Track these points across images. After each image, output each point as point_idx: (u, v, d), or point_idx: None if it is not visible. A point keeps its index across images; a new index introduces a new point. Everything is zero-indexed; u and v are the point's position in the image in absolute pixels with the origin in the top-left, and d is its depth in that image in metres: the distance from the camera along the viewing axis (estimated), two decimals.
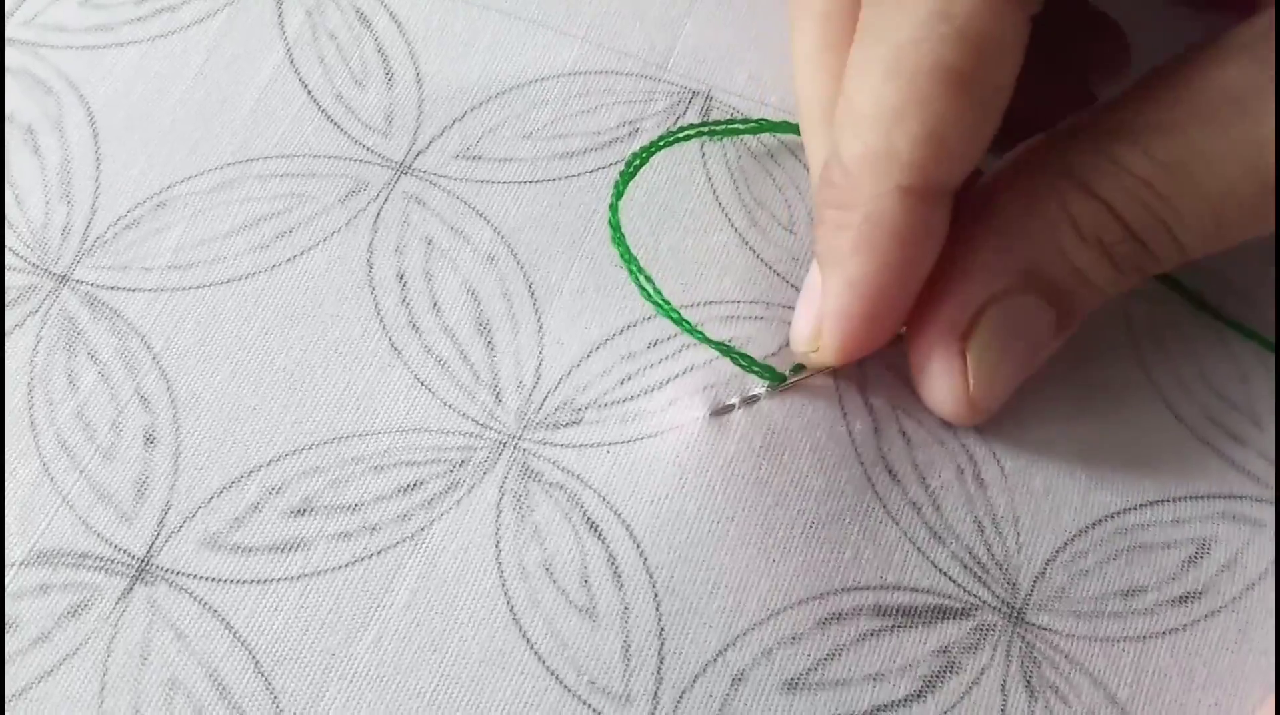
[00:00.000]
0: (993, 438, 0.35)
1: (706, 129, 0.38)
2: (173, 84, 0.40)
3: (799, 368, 0.35)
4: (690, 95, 0.40)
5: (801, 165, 0.39)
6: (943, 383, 0.33)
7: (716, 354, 0.35)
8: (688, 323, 0.35)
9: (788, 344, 0.36)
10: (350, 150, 0.39)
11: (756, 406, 0.35)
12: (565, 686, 0.32)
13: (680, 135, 0.38)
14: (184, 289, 0.37)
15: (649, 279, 0.35)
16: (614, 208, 0.36)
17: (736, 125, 0.39)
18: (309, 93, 0.40)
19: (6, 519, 0.34)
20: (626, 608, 0.33)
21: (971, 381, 0.33)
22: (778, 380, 0.35)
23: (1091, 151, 0.32)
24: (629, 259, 0.35)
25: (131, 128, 0.39)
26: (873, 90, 0.30)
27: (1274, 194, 0.30)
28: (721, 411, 0.35)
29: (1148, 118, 0.31)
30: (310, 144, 0.39)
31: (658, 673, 0.32)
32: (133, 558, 0.34)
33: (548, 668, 0.32)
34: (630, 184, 0.38)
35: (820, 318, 0.33)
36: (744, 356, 0.35)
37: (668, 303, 0.35)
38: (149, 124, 0.39)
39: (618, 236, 0.36)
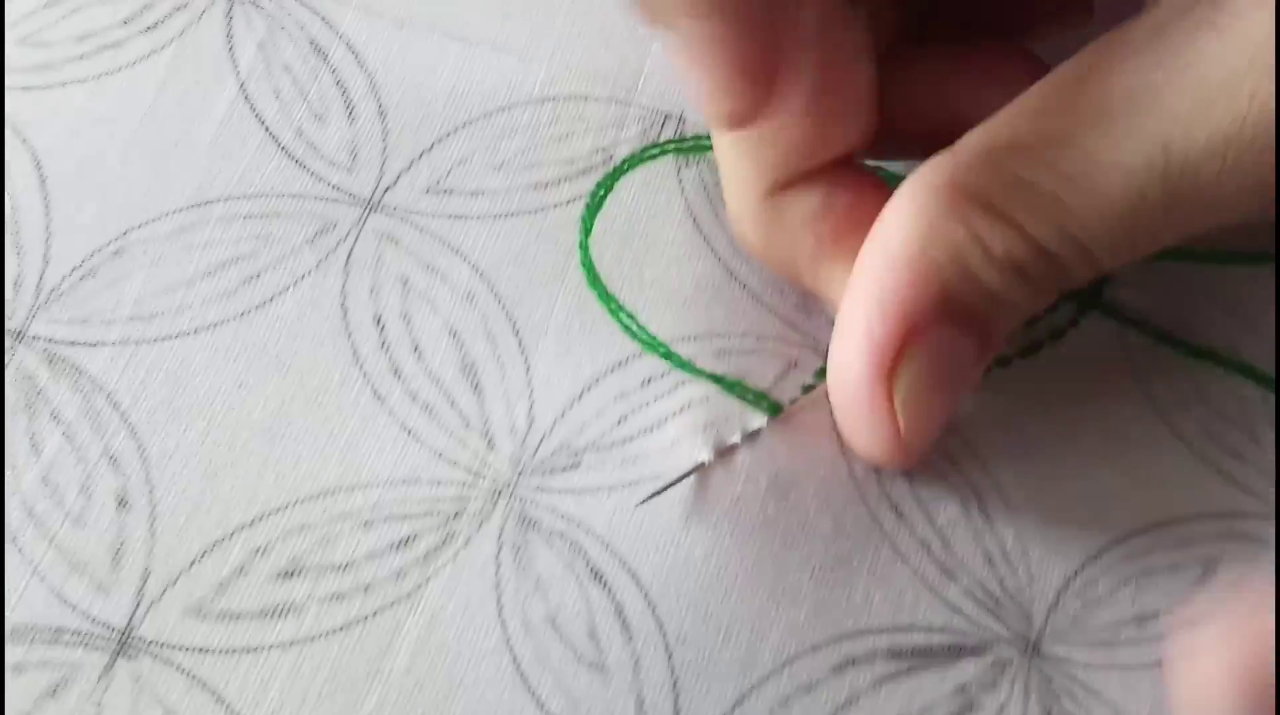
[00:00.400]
0: (995, 469, 0.35)
1: (672, 147, 0.38)
2: (122, 124, 0.38)
3: (806, 389, 0.35)
4: (663, 118, 0.39)
5: None
6: (873, 429, 0.32)
7: (714, 389, 0.35)
8: (678, 356, 0.34)
9: (783, 376, 0.35)
10: (315, 188, 0.37)
11: (759, 445, 0.34)
12: None
13: (642, 157, 0.37)
14: (149, 341, 0.35)
15: (631, 317, 0.35)
16: (584, 246, 0.35)
17: (691, 143, 0.38)
18: (266, 129, 0.38)
19: None
20: (638, 661, 0.32)
21: (902, 424, 0.32)
22: (774, 411, 0.34)
23: (992, 169, 0.31)
24: (606, 298, 0.35)
25: (81, 171, 0.37)
26: None
27: (1183, 197, 0.30)
28: (725, 452, 0.34)
29: (1044, 128, 0.31)
30: (272, 183, 0.37)
31: None
32: (113, 630, 0.32)
33: None
34: (608, 215, 0.37)
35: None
36: (739, 386, 0.34)
37: (654, 338, 0.34)
38: (99, 167, 0.37)
39: (592, 277, 0.35)
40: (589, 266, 0.35)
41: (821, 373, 0.35)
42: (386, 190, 0.37)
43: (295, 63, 0.39)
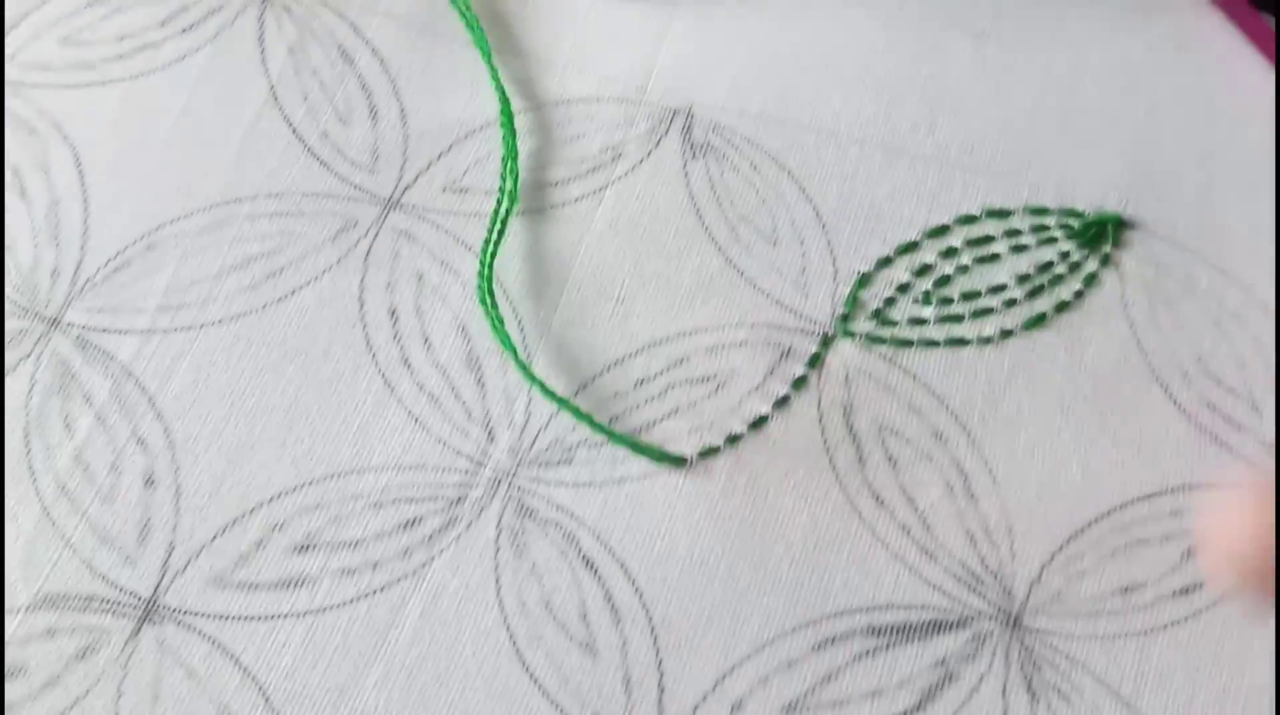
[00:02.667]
0: (984, 444, 0.36)
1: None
2: (158, 123, 0.40)
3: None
4: (670, 114, 0.41)
5: (785, 173, 0.40)
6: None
7: (702, 393, 0.37)
8: (590, 420, 0.36)
9: (775, 367, 0.37)
10: (338, 188, 0.40)
11: (740, 447, 0.36)
12: None
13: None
14: (176, 330, 0.38)
15: (540, 384, 0.37)
16: (494, 325, 0.37)
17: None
18: (294, 131, 0.40)
19: (10, 565, 0.35)
20: (625, 642, 0.34)
21: None
22: (678, 465, 0.36)
23: None
24: (511, 347, 0.37)
25: (118, 168, 0.40)
26: None
27: None
28: (707, 454, 0.36)
29: None
30: (298, 182, 0.40)
31: (659, 703, 0.34)
32: (139, 599, 0.35)
33: (552, 701, 0.34)
34: (613, 210, 0.39)
35: None
36: (655, 451, 0.36)
37: (565, 400, 0.36)
38: (136, 164, 0.40)
39: (494, 323, 0.37)
40: (497, 325, 0.37)
41: (813, 360, 0.37)
42: (406, 189, 0.40)
43: (323, 67, 0.41)
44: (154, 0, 0.42)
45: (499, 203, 0.39)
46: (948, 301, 0.38)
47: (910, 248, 0.39)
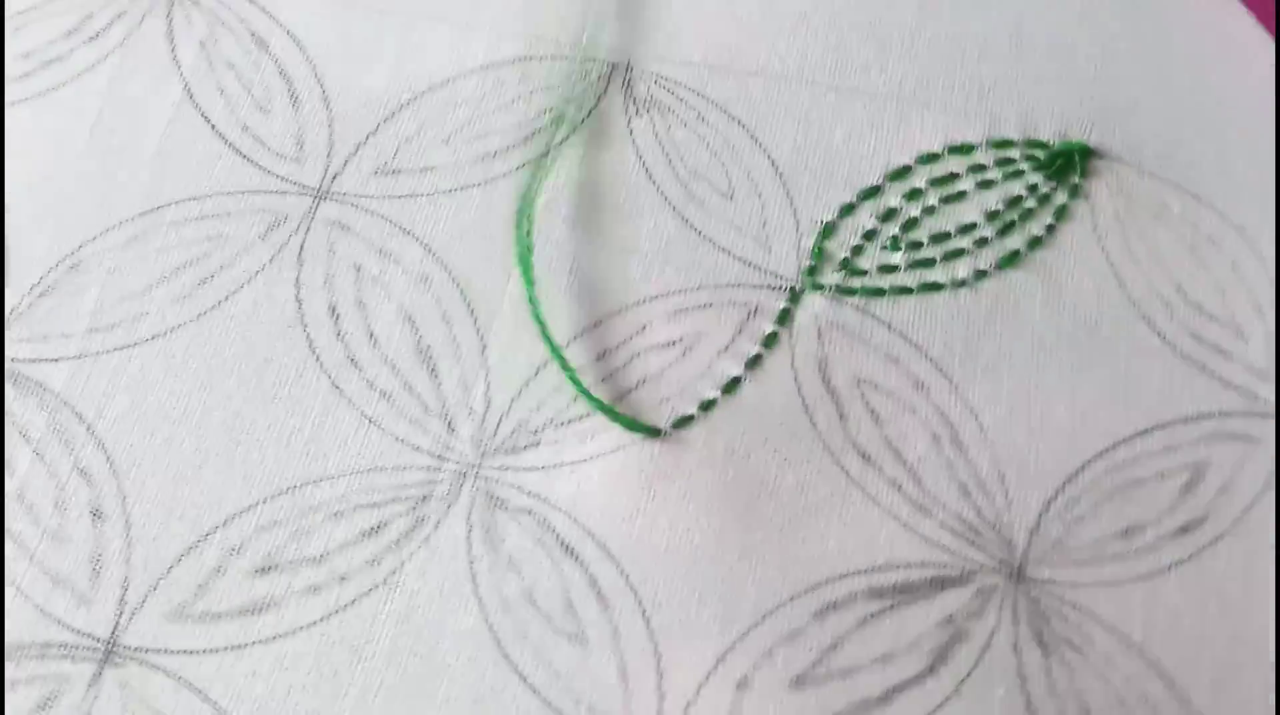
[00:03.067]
0: (968, 391, 0.35)
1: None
2: (71, 138, 0.39)
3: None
4: (609, 68, 0.39)
5: (735, 122, 0.38)
6: None
7: (668, 360, 0.35)
8: (577, 380, 0.35)
9: (743, 327, 0.35)
10: (264, 182, 0.38)
11: (715, 413, 0.35)
12: None
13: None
14: (108, 352, 0.36)
15: (558, 353, 0.35)
16: (524, 262, 0.36)
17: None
18: (213, 127, 0.38)
19: None
20: (616, 629, 0.32)
21: None
22: (654, 435, 0.35)
23: None
24: (533, 302, 0.35)
25: (34, 190, 0.38)
26: None
27: None
28: (681, 423, 0.35)
29: None
30: (221, 182, 0.38)
31: (659, 689, 0.32)
32: (98, 641, 0.33)
33: (545, 700, 0.32)
34: (555, 179, 0.38)
35: None
36: (630, 421, 0.35)
37: (565, 360, 0.35)
38: (52, 183, 0.38)
39: (528, 278, 0.36)
40: (530, 281, 0.36)
41: (782, 317, 0.35)
42: (335, 177, 0.38)
43: (238, 57, 0.39)
44: (57, 12, 0.40)
45: (553, 133, 0.38)
46: (917, 245, 0.37)
47: (873, 192, 0.37)
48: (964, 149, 0.38)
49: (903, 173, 0.37)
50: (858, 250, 0.37)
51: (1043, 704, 0.32)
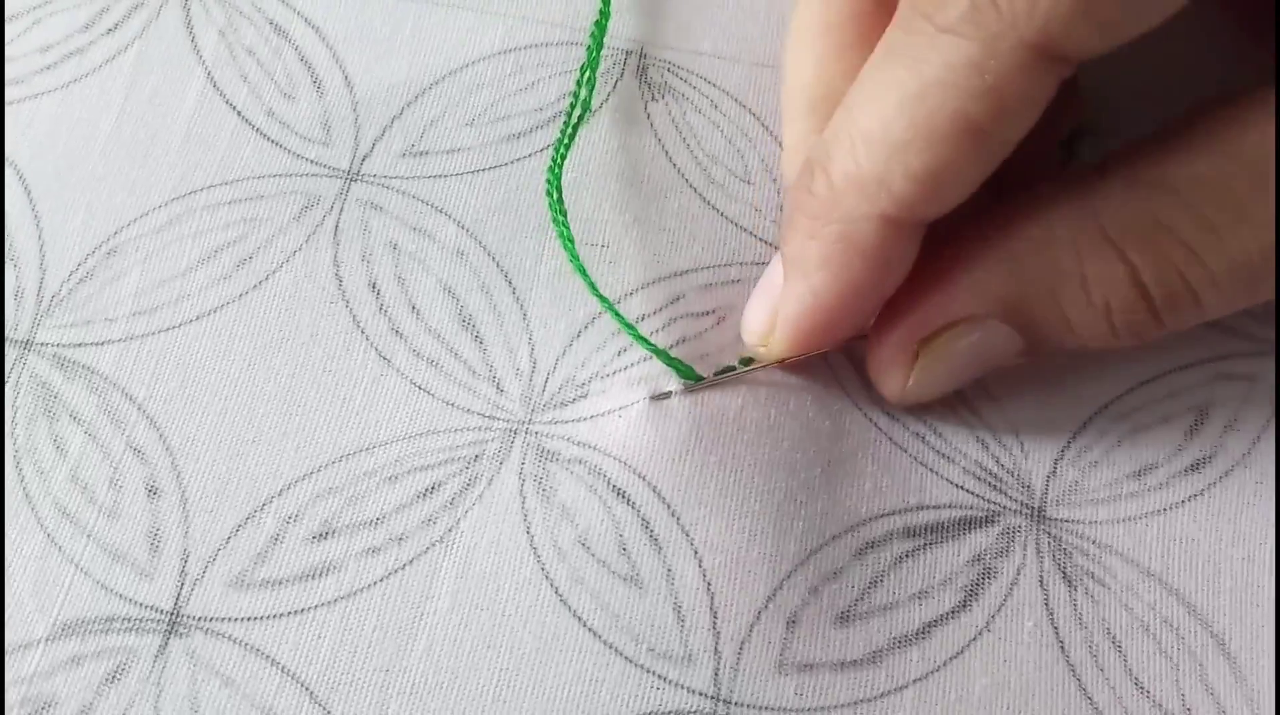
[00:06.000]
0: None
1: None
2: (97, 127, 0.40)
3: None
4: (624, 55, 0.42)
5: (747, 111, 0.41)
6: (884, 373, 0.35)
7: (707, 327, 0.38)
8: (627, 322, 0.37)
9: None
10: (294, 165, 0.40)
11: (754, 366, 0.37)
12: (626, 658, 0.34)
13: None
14: (153, 333, 0.38)
15: (601, 297, 0.37)
16: (560, 223, 0.38)
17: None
18: (239, 114, 0.41)
19: (21, 598, 0.35)
20: (670, 569, 0.35)
21: (911, 380, 0.34)
22: (696, 379, 0.37)
23: (1129, 203, 0.31)
24: (575, 259, 0.37)
25: (63, 178, 0.40)
26: (881, 114, 0.30)
27: None
28: (723, 372, 0.37)
29: (1193, 170, 0.30)
30: (251, 166, 0.40)
31: (714, 628, 0.34)
32: (161, 613, 0.35)
33: (605, 642, 0.34)
34: (582, 158, 0.40)
35: (775, 315, 0.34)
36: (677, 362, 0.37)
37: (609, 302, 0.37)
38: (81, 172, 0.40)
39: (567, 239, 0.37)
40: (568, 240, 0.38)
41: None
42: (364, 159, 0.40)
43: (258, 45, 0.42)
44: (72, 6, 0.42)
45: (571, 107, 0.40)
46: None
47: None
48: None
49: None
50: None
51: (1070, 633, 0.34)
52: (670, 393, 0.36)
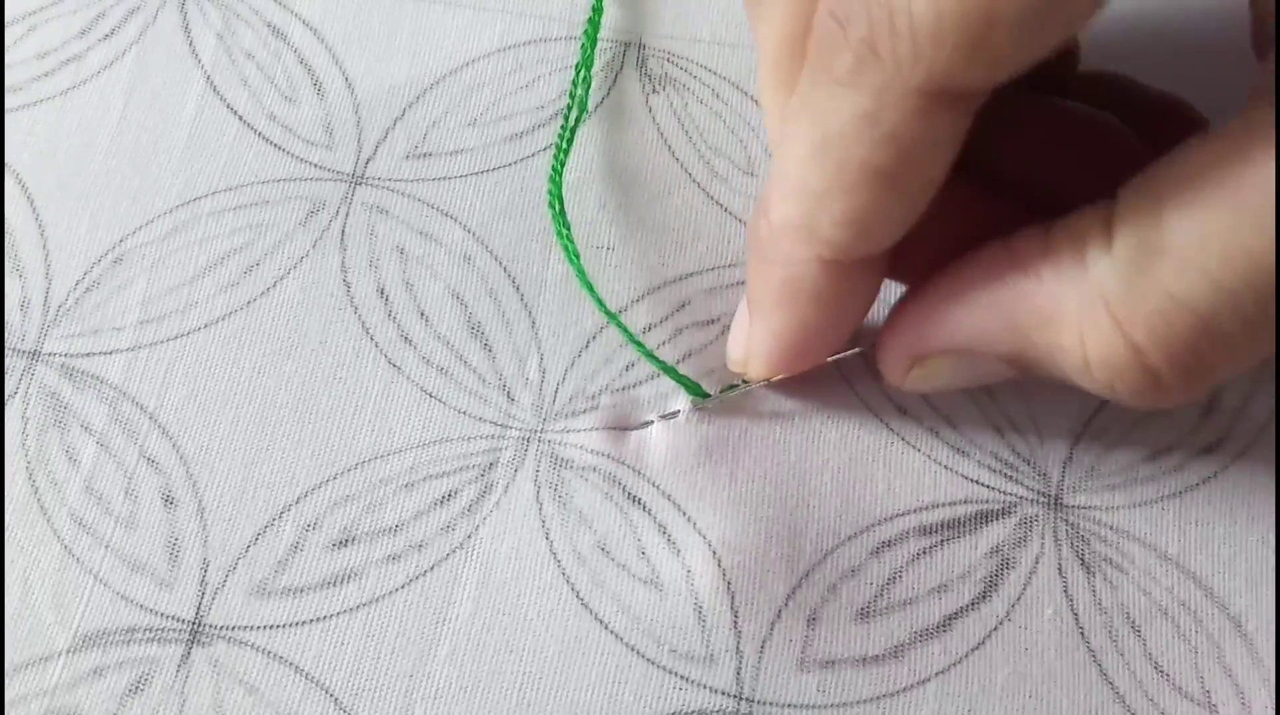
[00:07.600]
0: None
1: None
2: (97, 134, 0.41)
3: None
4: (623, 48, 0.42)
5: (750, 99, 0.41)
6: (885, 371, 0.35)
7: (711, 338, 0.38)
8: (632, 336, 0.37)
9: None
10: (298, 170, 0.40)
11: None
12: (648, 660, 0.35)
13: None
14: (162, 342, 0.38)
15: (609, 313, 0.38)
16: (564, 236, 0.38)
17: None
18: (240, 118, 0.41)
19: (40, 609, 0.35)
20: (689, 571, 0.35)
21: (907, 384, 0.34)
22: (704, 397, 0.37)
23: (1138, 274, 0.28)
24: (581, 274, 0.38)
25: (66, 186, 0.40)
26: (799, 166, 0.30)
27: None
28: (729, 390, 0.37)
29: (1208, 224, 0.27)
30: (255, 170, 0.40)
31: (735, 627, 0.35)
32: (183, 622, 0.35)
33: (627, 644, 0.35)
34: (585, 156, 0.40)
35: (747, 346, 0.35)
36: (686, 380, 0.37)
37: (620, 320, 0.38)
38: (83, 179, 0.40)
39: (574, 256, 0.38)
40: (573, 255, 0.38)
41: None
42: (368, 162, 0.40)
43: (256, 48, 0.42)
44: (67, 12, 0.43)
45: (569, 110, 0.40)
46: None
47: None
48: None
49: None
50: None
51: (1090, 619, 0.35)
52: (678, 412, 0.37)
